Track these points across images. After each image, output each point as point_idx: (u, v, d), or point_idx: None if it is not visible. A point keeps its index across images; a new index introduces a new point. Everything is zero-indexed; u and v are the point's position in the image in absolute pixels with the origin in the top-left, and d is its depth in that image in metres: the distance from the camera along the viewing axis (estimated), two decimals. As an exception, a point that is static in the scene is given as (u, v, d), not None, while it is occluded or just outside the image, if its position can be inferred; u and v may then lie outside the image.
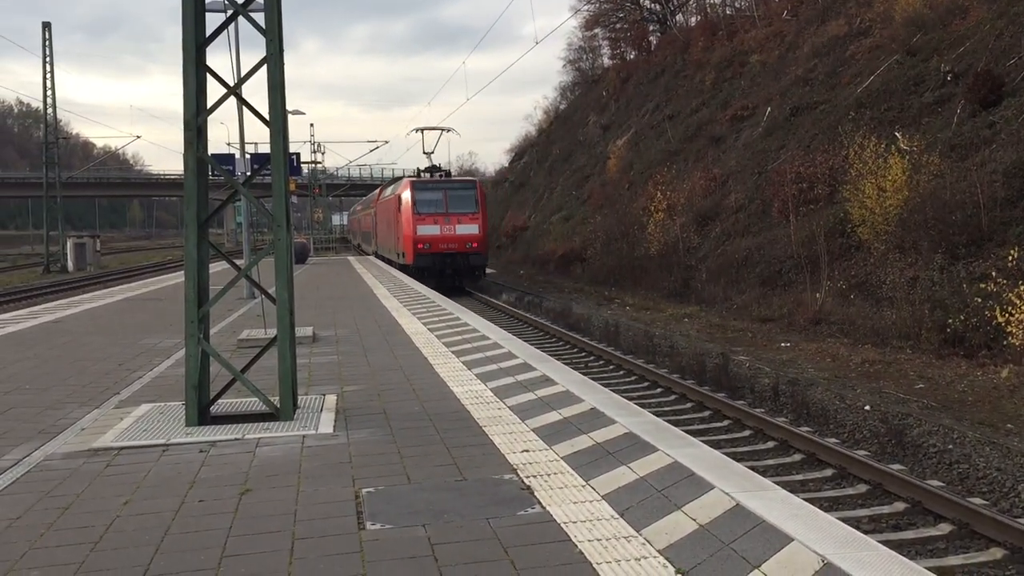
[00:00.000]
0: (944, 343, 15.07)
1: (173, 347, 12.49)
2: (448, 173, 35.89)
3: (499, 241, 58.14)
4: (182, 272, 32.69)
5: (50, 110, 54.89)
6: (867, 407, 11.65)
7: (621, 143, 48.15)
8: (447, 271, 31.52)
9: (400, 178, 42.06)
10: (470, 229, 31.68)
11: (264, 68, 7.62)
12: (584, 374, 10.94)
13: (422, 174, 35.14)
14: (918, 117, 23.10)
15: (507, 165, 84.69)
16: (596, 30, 66.14)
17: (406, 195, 32.53)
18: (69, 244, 54.58)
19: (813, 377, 13.83)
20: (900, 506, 8.34)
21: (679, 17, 58.04)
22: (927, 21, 26.75)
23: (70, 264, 53.07)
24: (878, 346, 16.01)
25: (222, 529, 5.01)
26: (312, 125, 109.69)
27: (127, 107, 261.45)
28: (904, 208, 19.36)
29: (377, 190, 53.10)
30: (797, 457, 10.10)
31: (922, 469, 9.60)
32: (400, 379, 9.75)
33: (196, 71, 7.46)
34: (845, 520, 6.02)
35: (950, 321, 15.07)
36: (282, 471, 6.15)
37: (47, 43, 53.49)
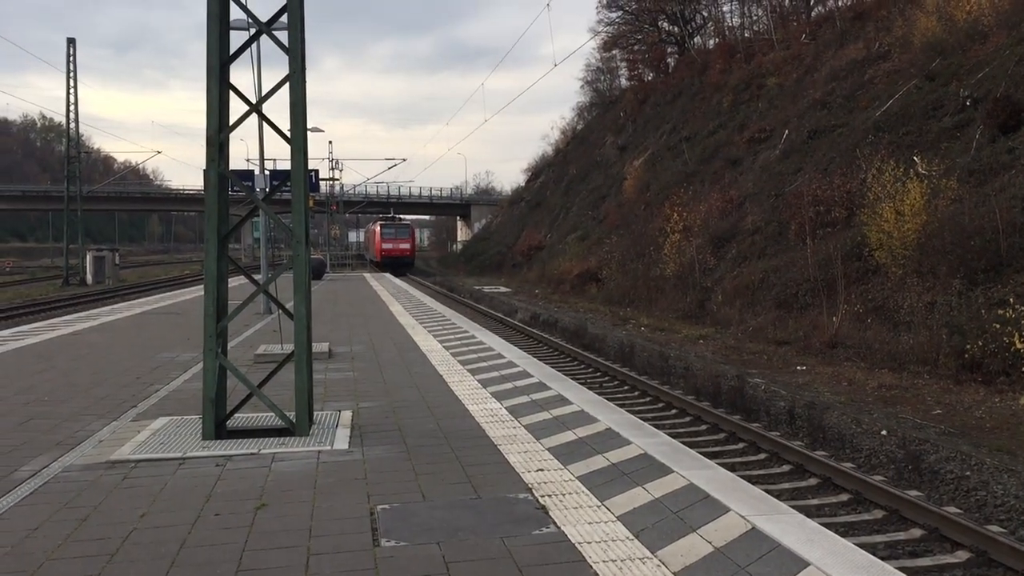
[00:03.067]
0: (962, 368, 14.95)
1: (190, 361, 12.57)
2: (397, 221, 69.64)
3: (515, 260, 58.24)
4: (199, 286, 32.96)
5: (72, 125, 55.49)
6: (884, 432, 11.57)
7: (638, 164, 48.21)
8: (393, 264, 62.91)
9: (391, 216, 72.46)
10: (404, 245, 66.41)
11: (286, 86, 7.70)
12: (599, 394, 10.92)
13: (386, 220, 69.21)
14: (937, 142, 23.03)
15: (524, 184, 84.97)
16: (614, 51, 66.51)
17: (377, 228, 69.23)
18: (88, 257, 54.96)
19: (829, 401, 13.75)
20: (917, 532, 8.27)
21: (697, 39, 58.23)
22: (946, 46, 26.72)
23: (89, 277, 53.42)
24: (895, 371, 15.90)
25: (238, 543, 5.03)
26: (331, 142, 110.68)
27: (148, 122, 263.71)
28: (922, 232, 19.28)
29: (372, 223, 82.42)
30: (813, 481, 10.03)
31: (939, 495, 9.52)
32: (415, 396, 9.77)
33: (219, 88, 7.55)
34: (861, 546, 5.98)
35: (968, 346, 14.96)
36: (298, 486, 6.17)
37: (71, 58, 54.14)
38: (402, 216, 76.34)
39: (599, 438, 7.39)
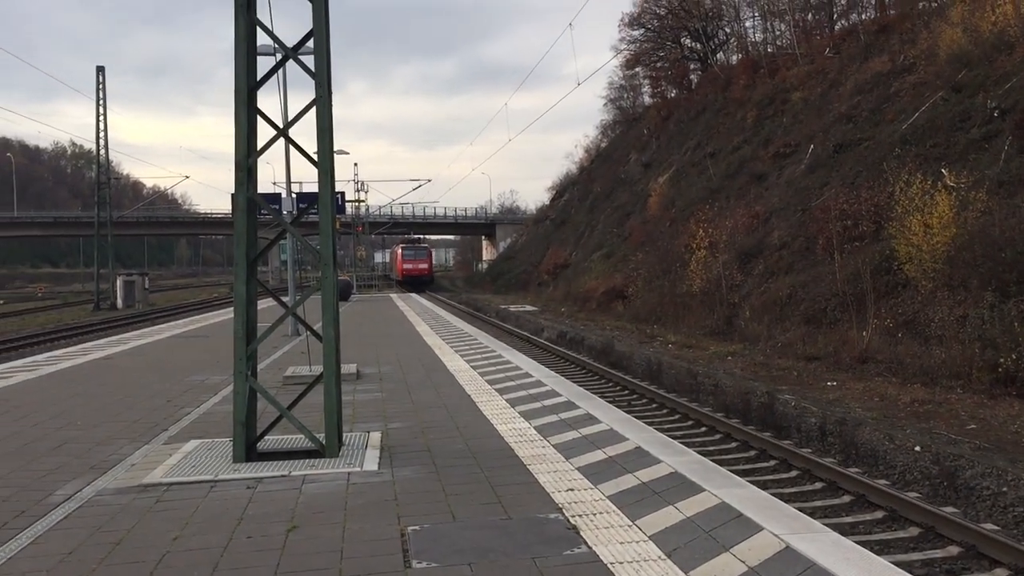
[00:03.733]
0: (996, 382, 14.74)
1: (220, 383, 12.66)
2: (421, 240, 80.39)
3: (540, 278, 58.25)
4: (228, 309, 33.18)
5: (102, 151, 56.29)
6: (917, 448, 11.42)
7: (662, 180, 48.15)
8: (412, 282, 68.97)
9: (410, 238, 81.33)
10: (422, 265, 72.98)
11: (313, 109, 7.78)
12: (628, 412, 10.89)
13: (406, 243, 77.56)
14: (965, 153, 22.82)
15: (548, 203, 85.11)
16: (637, 69, 66.55)
17: (399, 250, 77.57)
18: (119, 282, 55.60)
19: (861, 417, 13.59)
20: (954, 550, 8.14)
21: (720, 55, 58.21)
22: (972, 57, 26.51)
23: (119, 301, 54.02)
24: (927, 385, 15.71)
25: (270, 566, 5.05)
26: (356, 164, 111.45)
27: (176, 148, 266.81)
28: (952, 245, 19.08)
29: (394, 246, 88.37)
30: (846, 498, 9.92)
31: (976, 512, 9.38)
32: (444, 416, 9.78)
33: (247, 113, 7.64)
34: (898, 564, 5.89)
35: (1002, 360, 14.75)
36: (328, 508, 6.18)
37: (101, 86, 55.00)
38: (423, 236, 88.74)
39: (629, 457, 7.35)
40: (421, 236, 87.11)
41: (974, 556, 7.97)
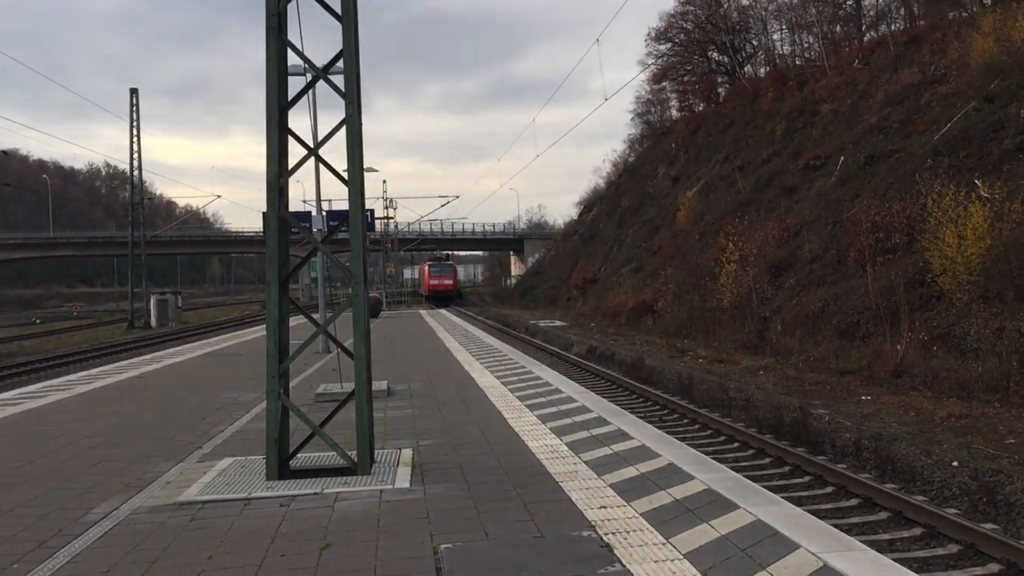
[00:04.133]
0: (1035, 396, 14.50)
1: (252, 401, 12.74)
2: (447, 257, 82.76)
3: (569, 293, 58.18)
4: (259, 327, 33.47)
5: (136, 172, 57.12)
6: (955, 463, 11.25)
7: (691, 194, 47.99)
8: (438, 297, 73.07)
9: (437, 255, 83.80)
10: (448, 281, 77.09)
11: (343, 129, 7.84)
12: (659, 428, 10.82)
13: (432, 261, 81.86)
14: (998, 164, 22.53)
15: (576, 218, 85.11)
16: (664, 83, 66.53)
17: (426, 267, 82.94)
18: (152, 301, 56.27)
19: (896, 432, 13.41)
20: (995, 567, 7.99)
21: (748, 68, 58.02)
22: (1004, 67, 26.22)
23: (153, 320, 54.66)
24: (964, 399, 15.47)
25: (304, 584, 5.05)
26: (384, 182, 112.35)
27: (208, 167, 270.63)
28: (987, 257, 18.83)
29: (422, 263, 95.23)
30: (883, 515, 9.77)
31: (1017, 528, 9.20)
32: (475, 433, 9.77)
33: (279, 134, 7.72)
34: (938, 582, 5.80)
35: (1040, 373, 14.52)
36: (361, 526, 6.19)
37: (134, 108, 55.85)
38: (452, 252, 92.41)
39: (661, 473, 7.30)
40: (449, 252, 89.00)
41: (1016, 574, 7.81)
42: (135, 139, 56.19)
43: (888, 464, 11.77)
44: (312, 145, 8.38)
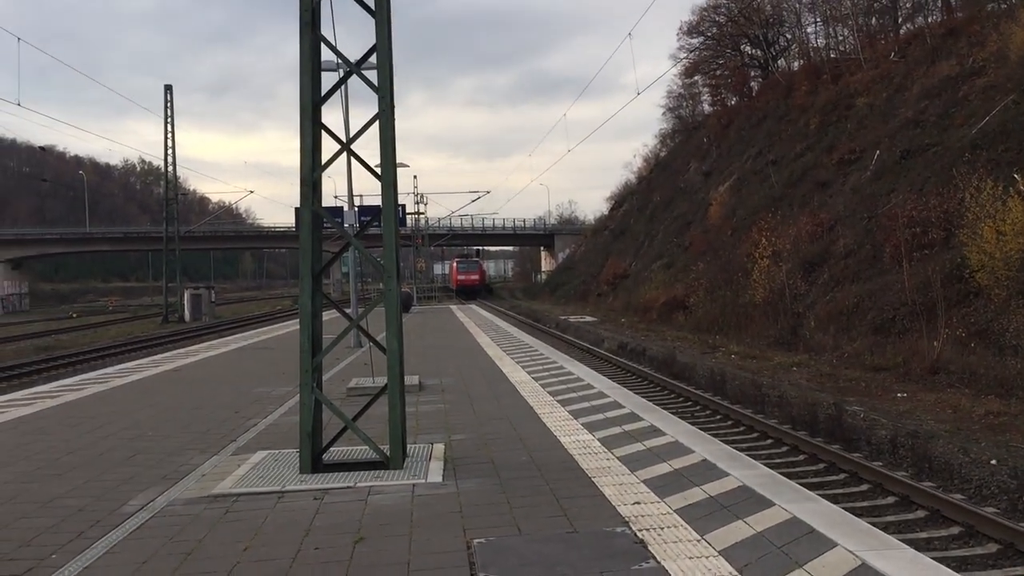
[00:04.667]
0: (1076, 394, 14.23)
1: (285, 395, 12.83)
2: (477, 253, 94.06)
3: (599, 289, 58.02)
4: (291, 321, 33.62)
5: (170, 168, 57.69)
6: (994, 461, 11.06)
7: (723, 189, 47.63)
8: (465, 291, 78.01)
9: (465, 253, 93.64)
10: (474, 276, 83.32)
11: (375, 124, 7.85)
12: (692, 424, 10.74)
13: (460, 257, 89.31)
14: (1038, 157, 22.14)
15: (607, 213, 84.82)
16: (696, 77, 66.06)
17: (454, 264, 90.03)
18: (186, 295, 56.88)
19: (933, 429, 13.22)
20: (1035, 568, 7.85)
21: (781, 62, 57.45)
22: (1045, 58, 25.77)
23: (187, 314, 55.23)
24: (1003, 397, 15.22)
25: (338, 577, 5.07)
26: (415, 177, 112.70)
27: (241, 163, 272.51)
28: (1027, 252, 18.51)
29: (451, 260, 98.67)
30: (920, 513, 9.64)
31: (1058, 528, 9.03)
32: (506, 428, 9.76)
33: (312, 128, 7.74)
34: (978, 582, 5.71)
35: (1082, 370, 14.24)
36: (394, 520, 6.20)
37: (168, 104, 56.40)
38: (483, 248, 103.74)
39: (695, 470, 7.25)
40: (479, 248, 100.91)
41: (1057, 574, 7.68)
42: (169, 135, 56.74)
43: (925, 462, 11.62)
44: (344, 140, 8.40)
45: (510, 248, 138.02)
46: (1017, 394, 15.12)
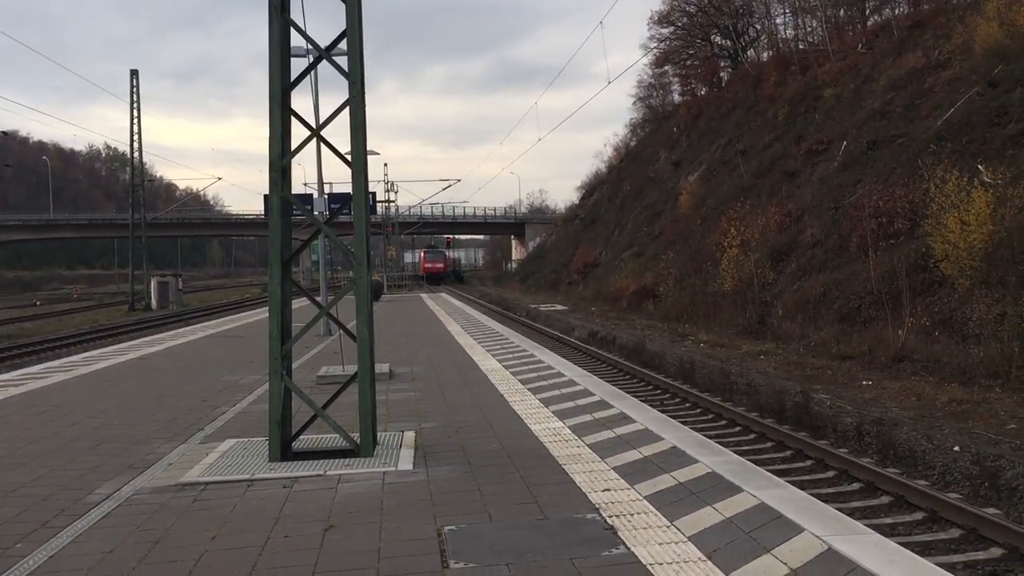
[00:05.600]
0: (1036, 382, 14.49)
1: (254, 383, 12.74)
2: (447, 243, 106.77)
3: (570, 278, 58.14)
4: (260, 309, 33.37)
5: (136, 154, 56.96)
6: (957, 448, 11.24)
7: (693, 179, 47.87)
8: (432, 278, 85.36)
9: (429, 244, 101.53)
10: (439, 264, 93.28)
11: (346, 110, 7.79)
12: (662, 412, 10.80)
13: (427, 248, 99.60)
14: (1001, 149, 22.44)
15: (577, 202, 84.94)
16: (666, 67, 66.21)
17: (421, 253, 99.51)
18: (153, 283, 56.23)
19: (898, 416, 13.41)
20: (997, 552, 7.99)
21: (751, 52, 57.74)
22: (1009, 52, 26.06)
23: (154, 302, 54.61)
24: (965, 385, 15.46)
25: (307, 565, 5.05)
26: (386, 164, 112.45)
27: (209, 150, 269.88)
28: (989, 242, 18.78)
29: (419, 250, 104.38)
30: (885, 499, 9.78)
31: (1019, 513, 9.21)
32: (477, 416, 9.76)
33: (282, 113, 7.67)
34: (940, 566, 5.79)
35: (1042, 359, 14.50)
36: (364, 508, 6.18)
37: (134, 90, 55.65)
38: (454, 236, 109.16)
39: (665, 457, 7.30)
40: (450, 237, 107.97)
41: (1018, 558, 7.82)
42: (135, 121, 56.00)
43: (890, 449, 11.78)
44: (314, 126, 8.33)
45: (481, 237, 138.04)
46: (980, 382, 15.37)
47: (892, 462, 11.41)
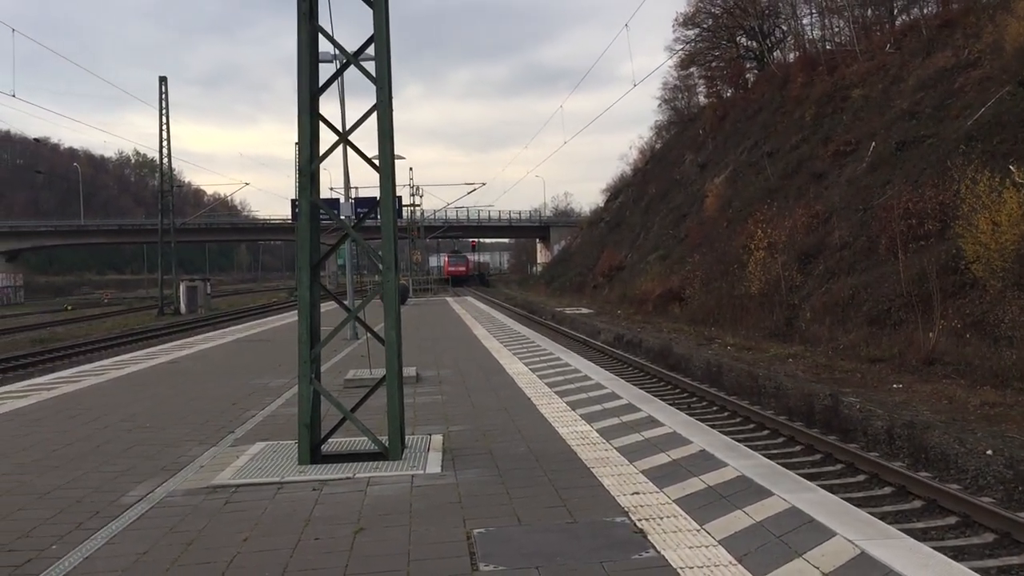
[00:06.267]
0: (1071, 384, 14.28)
1: (283, 387, 12.83)
2: (472, 247, 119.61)
3: (595, 281, 58.03)
4: (287, 313, 33.59)
5: (165, 160, 57.51)
6: (990, 452, 11.10)
7: (719, 181, 47.62)
8: (455, 280, 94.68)
9: (453, 250, 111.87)
10: (461, 268, 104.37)
11: (372, 115, 7.83)
12: (689, 415, 10.78)
13: (450, 253, 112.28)
14: (1034, 149, 22.16)
15: (602, 205, 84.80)
16: (692, 69, 65.96)
17: (445, 257, 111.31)
18: (182, 287, 56.77)
19: (929, 420, 13.26)
20: (1031, 557, 7.89)
21: (777, 53, 57.39)
22: (1041, 50, 25.76)
23: (183, 306, 55.13)
24: (998, 388, 15.26)
25: (338, 568, 5.08)
26: (411, 169, 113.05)
27: (237, 155, 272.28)
28: (1022, 243, 18.54)
29: (443, 254, 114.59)
30: (917, 503, 9.69)
31: (1053, 518, 9.07)
32: (504, 419, 9.77)
33: (310, 119, 7.73)
34: (974, 571, 5.73)
35: (1077, 361, 14.29)
36: (394, 510, 6.21)
37: (163, 96, 56.23)
38: (476, 239, 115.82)
39: (693, 460, 7.27)
40: (475, 240, 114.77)
41: (1053, 563, 7.72)
42: (164, 127, 56.58)
43: (921, 452, 11.66)
44: (342, 131, 8.39)
45: (506, 240, 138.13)
46: (1012, 384, 15.16)
47: (924, 466, 11.30)
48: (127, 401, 12.02)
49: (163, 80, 56.43)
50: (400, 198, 26.28)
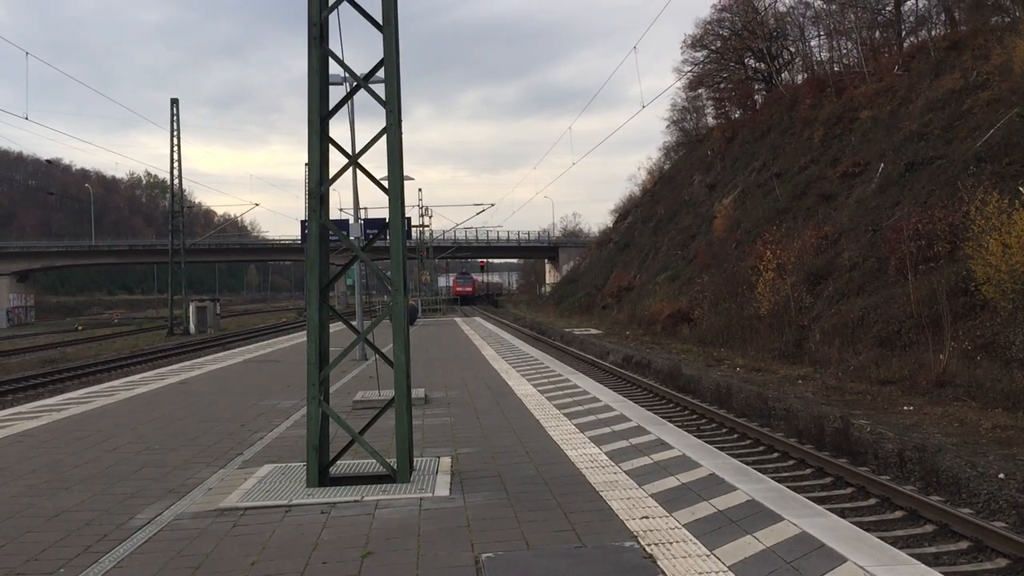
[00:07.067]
0: (1083, 407, 14.18)
1: (291, 408, 12.83)
2: (466, 272, 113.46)
3: (604, 301, 57.98)
4: (296, 334, 33.56)
5: (176, 181, 57.82)
6: (1002, 475, 11.02)
7: (727, 202, 47.65)
8: (463, 299, 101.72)
9: (461, 271, 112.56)
10: (468, 288, 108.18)
11: (382, 138, 7.87)
12: (698, 438, 10.71)
13: (458, 274, 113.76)
14: (1044, 170, 22.14)
15: (611, 225, 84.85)
16: (700, 90, 66.16)
17: (454, 277, 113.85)
18: (191, 308, 56.89)
19: (940, 443, 13.18)
20: (1045, 583, 7.81)
21: (785, 75, 57.54)
22: (1050, 71, 25.79)
23: (192, 327, 55.23)
24: (1009, 410, 15.18)
25: (346, 592, 5.05)
26: (420, 190, 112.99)
27: (247, 176, 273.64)
28: (1032, 265, 18.48)
29: (451, 275, 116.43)
30: (928, 528, 9.59)
31: (1067, 543, 8.98)
32: (513, 441, 9.74)
33: (320, 142, 7.77)
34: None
35: (1089, 384, 14.19)
36: (402, 534, 6.18)
37: (174, 118, 56.60)
38: (485, 260, 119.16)
39: (703, 484, 7.23)
40: (484, 261, 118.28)
41: (1068, 590, 7.63)
42: (175, 148, 56.92)
43: (932, 476, 11.56)
44: (351, 153, 8.43)
45: (514, 260, 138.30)
46: (1024, 407, 15.07)
47: (935, 489, 11.20)
48: (136, 422, 12.03)
49: (174, 102, 56.87)
50: (409, 219, 26.37)
